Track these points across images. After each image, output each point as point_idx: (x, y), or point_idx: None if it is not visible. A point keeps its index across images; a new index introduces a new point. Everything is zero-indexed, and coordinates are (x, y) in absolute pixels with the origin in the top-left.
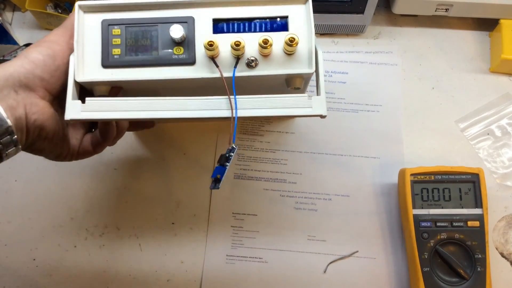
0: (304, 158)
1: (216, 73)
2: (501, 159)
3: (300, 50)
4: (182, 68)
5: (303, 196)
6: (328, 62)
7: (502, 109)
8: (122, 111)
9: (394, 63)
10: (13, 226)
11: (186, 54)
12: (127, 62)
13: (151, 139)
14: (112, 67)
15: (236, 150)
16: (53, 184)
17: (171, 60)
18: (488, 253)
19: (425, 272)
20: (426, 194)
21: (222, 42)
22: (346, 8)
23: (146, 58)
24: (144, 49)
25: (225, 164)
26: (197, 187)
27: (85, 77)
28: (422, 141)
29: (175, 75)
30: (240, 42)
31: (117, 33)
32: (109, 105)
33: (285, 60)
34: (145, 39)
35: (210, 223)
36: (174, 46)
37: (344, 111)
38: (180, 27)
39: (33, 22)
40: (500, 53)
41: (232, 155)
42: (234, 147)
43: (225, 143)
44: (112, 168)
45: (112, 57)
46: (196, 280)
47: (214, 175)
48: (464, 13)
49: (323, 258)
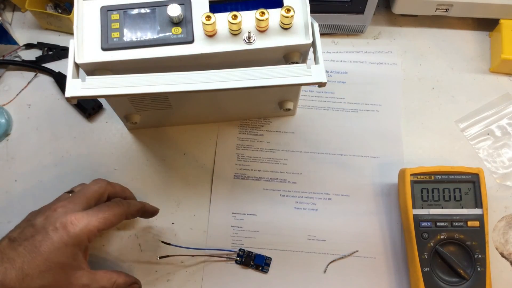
0: (304, 158)
1: (215, 49)
2: (501, 159)
3: (296, 23)
4: (181, 46)
5: (303, 196)
6: (328, 62)
7: (502, 109)
8: (122, 87)
9: (394, 63)
10: (13, 226)
11: (185, 34)
12: (126, 44)
13: (151, 139)
14: (112, 50)
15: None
16: (53, 184)
17: (170, 40)
18: (488, 253)
19: (425, 272)
20: (426, 194)
21: (219, 20)
22: (346, 8)
23: (145, 39)
24: (143, 31)
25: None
26: (197, 187)
27: (84, 59)
28: (422, 141)
29: (174, 52)
30: (237, 15)
31: (116, 18)
32: (109, 82)
33: (282, 33)
34: (144, 22)
35: (210, 223)
36: (172, 27)
37: (344, 111)
38: (177, 5)
39: (33, 22)
40: (500, 53)
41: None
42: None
43: (225, 143)
44: (112, 168)
45: (112, 40)
46: (196, 280)
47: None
48: (464, 13)
49: (323, 258)
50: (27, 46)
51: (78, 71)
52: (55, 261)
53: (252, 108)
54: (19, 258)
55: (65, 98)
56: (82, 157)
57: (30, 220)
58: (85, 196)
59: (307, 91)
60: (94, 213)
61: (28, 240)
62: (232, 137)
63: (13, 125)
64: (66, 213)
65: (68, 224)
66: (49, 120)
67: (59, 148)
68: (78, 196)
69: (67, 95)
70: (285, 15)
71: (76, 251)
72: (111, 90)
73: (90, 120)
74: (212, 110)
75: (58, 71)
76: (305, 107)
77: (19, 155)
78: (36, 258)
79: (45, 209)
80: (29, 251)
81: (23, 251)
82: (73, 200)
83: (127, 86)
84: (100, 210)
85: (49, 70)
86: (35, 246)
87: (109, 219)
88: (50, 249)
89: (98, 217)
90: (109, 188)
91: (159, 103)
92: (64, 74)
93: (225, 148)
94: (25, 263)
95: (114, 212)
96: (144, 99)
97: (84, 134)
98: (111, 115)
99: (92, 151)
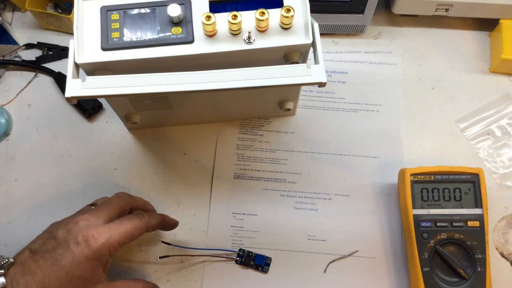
0: (304, 158)
1: (215, 49)
2: (501, 159)
3: (296, 23)
4: (181, 46)
5: (303, 196)
6: (328, 62)
7: (502, 109)
8: (122, 87)
9: (394, 63)
10: (13, 226)
11: (185, 34)
12: (126, 44)
13: (151, 139)
14: (112, 50)
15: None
16: (53, 184)
17: (170, 40)
18: (488, 253)
19: (425, 272)
20: (426, 194)
21: (219, 20)
22: (346, 8)
23: (145, 39)
24: (143, 31)
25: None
26: (197, 187)
27: (84, 59)
28: (422, 141)
29: (174, 52)
30: (237, 15)
31: (116, 18)
32: (109, 82)
33: (282, 33)
34: (144, 22)
35: (210, 223)
36: (172, 27)
37: (344, 111)
38: (177, 5)
39: (33, 22)
40: (500, 53)
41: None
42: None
43: (225, 143)
44: (112, 168)
45: (112, 40)
46: (196, 280)
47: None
48: (464, 13)
49: (323, 258)
50: (27, 46)
51: (78, 71)
52: (75, 275)
53: (252, 108)
54: (40, 270)
55: (65, 98)
56: (82, 157)
57: (52, 232)
58: (107, 209)
59: (307, 91)
60: (116, 227)
61: (50, 252)
62: (232, 137)
63: (13, 125)
64: (88, 227)
65: (90, 238)
66: (49, 120)
67: (59, 148)
68: (101, 210)
69: (67, 95)
70: (285, 15)
71: (96, 265)
72: (111, 90)
73: (90, 120)
74: (212, 110)
75: (58, 71)
76: (305, 107)
77: (19, 155)
78: (57, 271)
79: (67, 221)
80: (50, 264)
81: (44, 264)
82: (95, 213)
83: (127, 86)
84: (121, 223)
85: (49, 70)
86: (56, 259)
87: (130, 233)
88: (71, 263)
89: (120, 231)
90: (132, 202)
91: (159, 103)
92: (64, 74)
93: (225, 148)
94: (46, 276)
95: (135, 226)
96: (144, 99)
97: (84, 134)
98: (111, 115)
99: (92, 151)
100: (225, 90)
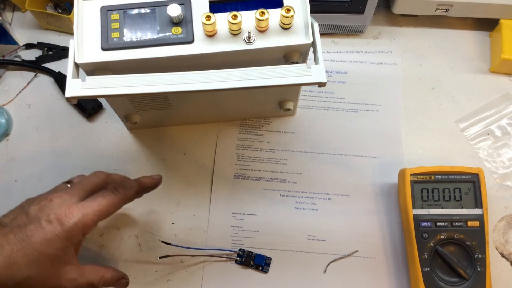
0: (304, 158)
1: (215, 49)
2: (501, 159)
3: (296, 23)
4: (181, 46)
5: (303, 196)
6: (328, 62)
7: (502, 109)
8: (122, 87)
9: (394, 63)
10: None
11: (185, 34)
12: (126, 44)
13: (151, 139)
14: (112, 50)
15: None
16: (53, 184)
17: (170, 40)
18: (488, 253)
19: (425, 272)
20: (426, 194)
21: (219, 20)
22: (346, 8)
23: (145, 39)
24: (143, 31)
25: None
26: (197, 187)
27: (84, 59)
28: (422, 141)
29: (174, 52)
30: (237, 15)
31: (116, 18)
32: (109, 82)
33: (282, 33)
34: (144, 22)
35: (210, 223)
36: (172, 27)
37: (343, 111)
38: (177, 5)
39: (33, 22)
40: (500, 53)
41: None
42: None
43: (225, 143)
44: (112, 168)
45: (112, 40)
46: (196, 280)
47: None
48: (464, 13)
49: (323, 258)
50: (27, 46)
51: (78, 71)
52: (45, 253)
53: (252, 108)
54: (8, 245)
55: (65, 98)
56: (82, 157)
57: (24, 207)
58: (82, 188)
59: (307, 91)
60: (88, 205)
61: (20, 228)
62: (232, 137)
63: (13, 125)
64: (61, 205)
65: (62, 216)
66: (49, 120)
67: (59, 148)
68: (76, 188)
69: (67, 95)
70: (285, 15)
71: (67, 244)
72: (111, 90)
73: (90, 120)
74: (212, 110)
75: (58, 71)
76: (305, 107)
77: (19, 155)
78: (26, 247)
79: (41, 198)
80: (19, 240)
81: (13, 239)
82: (70, 191)
83: (127, 86)
84: (94, 200)
85: (49, 70)
86: (26, 235)
87: (104, 210)
88: (42, 240)
89: (93, 209)
90: (109, 179)
91: (159, 103)
92: (64, 74)
93: (225, 148)
94: (14, 251)
95: (109, 202)
96: (144, 99)
97: (84, 134)
98: (111, 115)
99: (92, 151)
100: (225, 90)
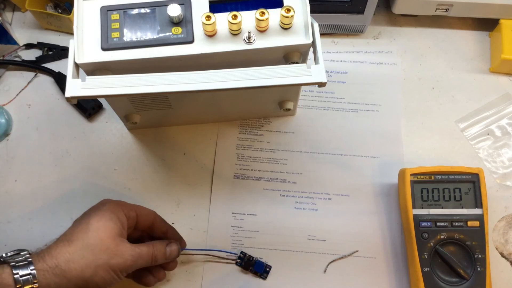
0: (304, 158)
1: (215, 49)
2: (501, 159)
3: (296, 23)
4: (181, 46)
5: (303, 196)
6: (328, 62)
7: (502, 109)
8: (122, 87)
9: (394, 63)
10: (13, 226)
11: (185, 34)
12: (126, 44)
13: (151, 139)
14: (112, 49)
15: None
16: (53, 184)
17: (170, 40)
18: (488, 253)
19: (425, 272)
20: (426, 194)
21: (219, 20)
22: (346, 8)
23: (145, 39)
24: (143, 31)
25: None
26: (197, 187)
27: (84, 59)
28: (422, 141)
29: (174, 52)
30: (237, 15)
31: (116, 18)
32: (109, 82)
33: (282, 33)
34: (144, 22)
35: (210, 223)
36: (172, 27)
37: (343, 111)
38: (177, 5)
39: (33, 22)
40: (500, 53)
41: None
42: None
43: (225, 143)
44: (112, 168)
45: (112, 40)
46: (196, 280)
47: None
48: (464, 13)
49: (323, 258)
50: (27, 46)
51: (78, 71)
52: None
53: (252, 108)
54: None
55: (65, 98)
56: (82, 157)
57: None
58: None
59: (307, 91)
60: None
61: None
62: (232, 137)
63: (13, 125)
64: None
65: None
66: (49, 120)
67: (59, 148)
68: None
69: (67, 95)
70: (285, 15)
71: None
72: (111, 90)
73: (90, 120)
74: (212, 110)
75: (58, 71)
76: (305, 107)
77: (19, 155)
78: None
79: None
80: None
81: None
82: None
83: (127, 86)
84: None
85: (49, 70)
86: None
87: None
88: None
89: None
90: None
91: (159, 103)
92: (64, 74)
93: (225, 148)
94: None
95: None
96: (144, 99)
97: (84, 134)
98: (111, 115)
99: (92, 151)
100: (225, 90)
